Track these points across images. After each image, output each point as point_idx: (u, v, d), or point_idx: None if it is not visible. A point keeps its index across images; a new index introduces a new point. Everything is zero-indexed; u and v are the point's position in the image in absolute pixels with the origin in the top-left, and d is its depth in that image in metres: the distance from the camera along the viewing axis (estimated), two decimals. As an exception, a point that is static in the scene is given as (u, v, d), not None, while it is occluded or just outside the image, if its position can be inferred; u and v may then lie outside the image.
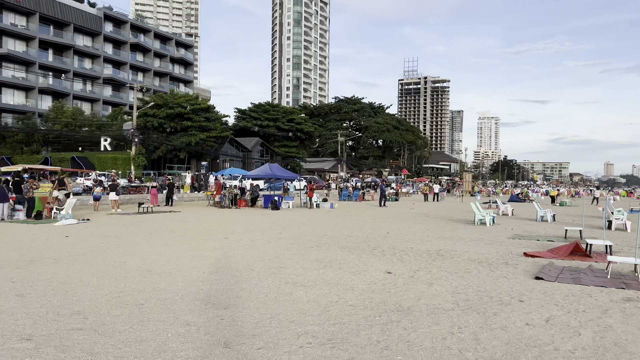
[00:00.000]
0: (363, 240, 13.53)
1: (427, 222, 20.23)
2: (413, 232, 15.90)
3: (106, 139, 46.42)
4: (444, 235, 15.18)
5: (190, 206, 28.51)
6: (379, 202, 30.81)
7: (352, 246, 12.39)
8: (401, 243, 13.14)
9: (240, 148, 61.81)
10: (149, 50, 75.10)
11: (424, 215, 23.90)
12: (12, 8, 56.82)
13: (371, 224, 18.84)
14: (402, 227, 17.53)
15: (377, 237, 14.44)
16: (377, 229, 16.89)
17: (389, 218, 21.80)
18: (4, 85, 56.49)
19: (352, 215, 23.05)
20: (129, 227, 16.18)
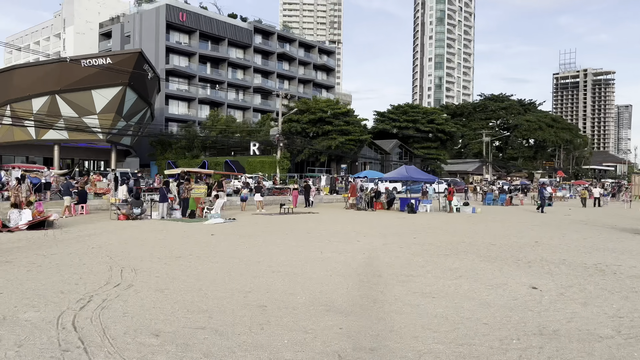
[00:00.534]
0: (506, 249, 12.34)
1: (585, 230, 17.94)
2: (567, 242, 14.14)
3: (255, 143, 49.59)
4: (605, 247, 13.23)
5: (328, 208, 29.04)
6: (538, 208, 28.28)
7: (492, 255, 11.35)
8: (551, 254, 11.71)
9: (378, 150, 61.81)
10: (294, 59, 78.80)
11: (581, 223, 21.31)
12: (177, 27, 63.71)
13: (518, 231, 17.25)
14: (554, 236, 15.73)
15: (523, 246, 13.09)
16: (525, 237, 15.37)
17: (539, 225, 19.80)
18: (170, 97, 63.59)
19: (496, 221, 21.43)
20: (268, 227, 16.85)
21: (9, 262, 9.27)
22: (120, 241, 12.71)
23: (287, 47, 78.03)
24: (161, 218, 19.77)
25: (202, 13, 66.69)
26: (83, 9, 77.26)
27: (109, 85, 43.23)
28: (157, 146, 57.93)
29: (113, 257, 10.20)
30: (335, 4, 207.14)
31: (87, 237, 13.35)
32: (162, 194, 20.02)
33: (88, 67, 42.20)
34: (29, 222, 14.76)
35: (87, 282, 7.65)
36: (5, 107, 43.28)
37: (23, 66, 44.30)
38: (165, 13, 61.51)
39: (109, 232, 14.79)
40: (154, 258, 10.19)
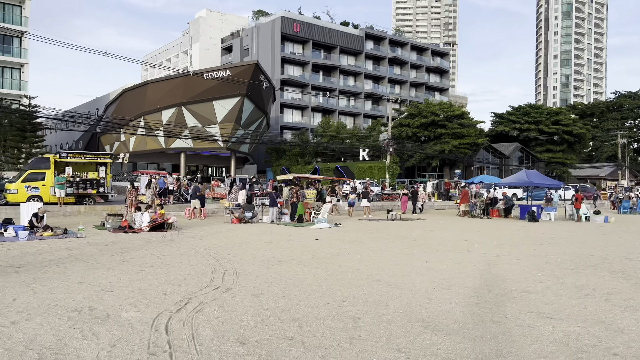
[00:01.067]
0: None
1: None
2: None
3: (364, 149, 49.46)
4: None
5: (439, 215, 27.85)
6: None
7: (628, 272, 9.86)
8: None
9: (496, 154, 58.38)
10: (406, 63, 77.62)
11: None
12: (292, 38, 65.94)
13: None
14: None
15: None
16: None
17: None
18: (285, 106, 65.91)
19: (632, 232, 18.90)
20: (374, 234, 16.45)
21: (126, 262, 9.91)
22: (229, 244, 13.11)
23: (399, 51, 77.11)
24: (271, 222, 20.27)
25: (315, 23, 68.33)
26: (207, 26, 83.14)
27: (229, 96, 45.83)
28: (272, 153, 60.25)
29: (219, 259, 10.48)
30: (450, 5, 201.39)
31: (200, 239, 13.98)
32: (272, 198, 20.54)
33: (210, 79, 45.16)
34: (150, 224, 15.87)
35: (189, 284, 7.86)
36: (140, 119, 47.79)
37: (154, 81, 48.63)
38: (281, 25, 63.94)
39: (221, 234, 15.39)
40: (256, 261, 10.29)
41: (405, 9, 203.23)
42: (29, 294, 6.89)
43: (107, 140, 52.32)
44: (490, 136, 63.91)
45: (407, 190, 30.78)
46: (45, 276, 8.24)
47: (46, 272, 8.58)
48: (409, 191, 29.73)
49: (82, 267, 9.19)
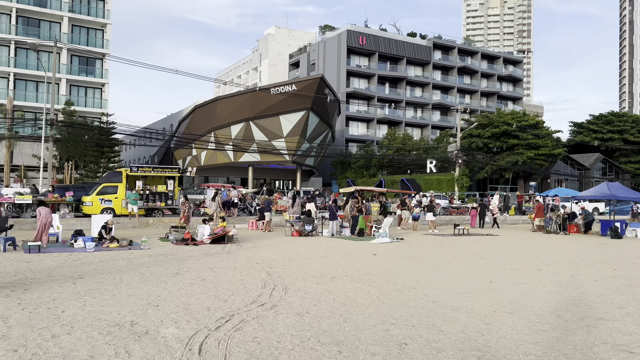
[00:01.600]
0: None
1: None
2: None
3: (432, 161, 48.21)
4: None
5: (511, 230, 26.34)
6: None
7: None
8: None
9: (575, 166, 54.89)
10: (476, 72, 75.30)
11: None
12: (357, 51, 65.98)
13: None
14: None
15: None
16: None
17: None
18: (350, 119, 65.83)
19: None
20: (436, 250, 15.69)
21: (180, 274, 9.96)
22: (285, 257, 12.94)
23: (469, 61, 74.97)
24: (331, 235, 19.98)
25: (380, 35, 68.01)
26: (276, 42, 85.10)
27: (294, 110, 46.39)
28: (337, 166, 60.22)
29: (271, 274, 10.30)
30: (524, 12, 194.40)
31: (257, 252, 13.93)
32: (331, 212, 20.26)
33: (276, 94, 45.97)
34: (211, 236, 16.07)
35: (236, 299, 7.69)
36: (210, 133, 49.44)
37: (224, 97, 50.22)
38: (346, 38, 64.18)
39: (279, 247, 15.29)
40: (309, 277, 10.01)
41: (476, 18, 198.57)
42: (78, 306, 6.98)
43: (180, 154, 54.53)
44: (569, 147, 60.30)
45: (476, 204, 29.47)
46: (99, 288, 8.40)
47: (101, 284, 8.76)
48: (478, 205, 28.43)
49: (137, 279, 9.32)
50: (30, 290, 8.08)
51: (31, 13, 43.47)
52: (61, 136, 34.02)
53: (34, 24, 43.78)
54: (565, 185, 53.24)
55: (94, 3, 46.17)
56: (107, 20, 46.23)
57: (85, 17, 45.23)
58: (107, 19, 46.24)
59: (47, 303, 7.14)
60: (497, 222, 27.93)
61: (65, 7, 44.30)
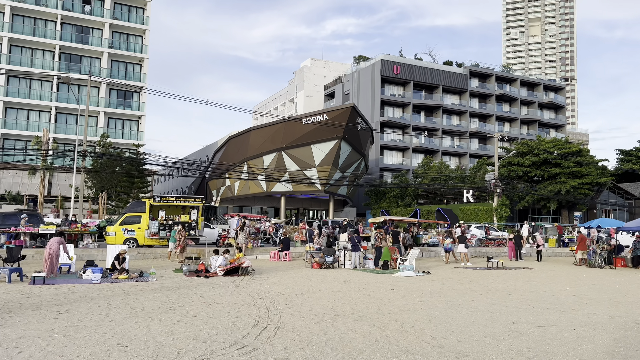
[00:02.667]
0: None
1: None
2: None
3: (468, 190, 46.55)
4: None
5: (551, 263, 24.59)
6: None
7: None
8: None
9: (624, 195, 51.87)
10: (515, 99, 73.42)
11: None
12: (391, 80, 65.58)
13: None
14: None
15: None
16: None
17: None
18: (385, 148, 65.00)
19: None
20: (463, 285, 14.51)
21: (172, 310, 9.33)
22: (294, 292, 12.14)
23: (507, 88, 73.29)
24: (354, 268, 19.03)
25: (415, 64, 67.51)
26: (312, 74, 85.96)
27: (326, 139, 46.02)
28: (372, 195, 59.18)
29: (271, 310, 9.53)
30: (567, 39, 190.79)
31: (267, 285, 13.19)
32: (354, 242, 19.36)
33: (308, 124, 45.82)
34: (223, 268, 15.46)
35: (216, 341, 6.96)
36: (243, 164, 49.61)
37: (257, 127, 50.50)
38: (380, 68, 64.00)
39: (292, 280, 14.50)
40: (310, 314, 9.17)
41: (516, 47, 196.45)
42: (40, 346, 6.42)
43: (214, 185, 54.90)
44: (616, 175, 57.21)
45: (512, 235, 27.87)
46: (78, 324, 7.84)
47: (84, 319, 8.22)
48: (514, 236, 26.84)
49: (124, 314, 8.74)
50: (3, 326, 7.60)
51: (73, 50, 45.37)
52: (93, 167, 34.70)
53: (75, 60, 45.62)
54: (613, 216, 50.26)
55: (133, 39, 47.81)
56: (144, 54, 47.69)
57: (124, 52, 46.84)
58: (144, 54, 47.71)
59: (10, 342, 6.61)
60: (540, 255, 26.28)
61: (105, 44, 46.03)
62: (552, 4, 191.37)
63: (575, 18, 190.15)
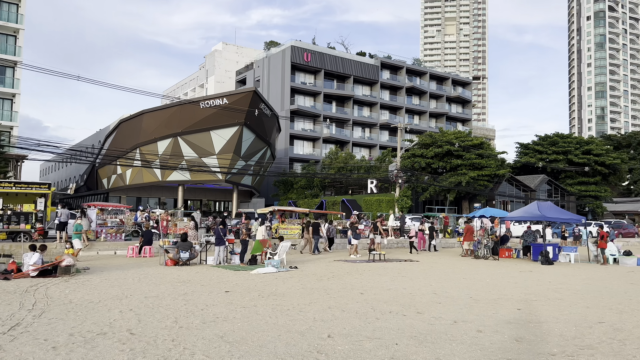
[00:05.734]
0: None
1: None
2: None
3: (372, 181, 45.79)
4: None
5: (443, 254, 23.73)
6: None
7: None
8: None
9: (521, 187, 53.61)
10: (424, 92, 74.30)
11: None
12: (302, 68, 63.69)
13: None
14: None
15: None
16: None
17: None
18: (295, 137, 63.12)
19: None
20: (322, 282, 12.72)
21: None
22: (96, 299, 9.71)
23: (417, 81, 73.98)
24: (217, 264, 16.79)
25: (327, 52, 66.08)
26: (223, 59, 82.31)
27: (226, 125, 43.28)
28: (280, 186, 57.24)
29: (19, 325, 7.05)
30: (479, 39, 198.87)
31: (70, 292, 10.63)
32: (218, 235, 17.08)
33: (206, 108, 42.81)
34: (36, 267, 12.64)
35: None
36: (135, 150, 45.65)
37: (150, 110, 46.60)
38: (290, 55, 61.92)
39: (120, 282, 12.01)
40: (63, 334, 6.83)
41: (433, 44, 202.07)
42: None
43: (105, 173, 50.37)
44: (516, 168, 59.22)
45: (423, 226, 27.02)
46: None
47: None
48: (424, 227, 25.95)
49: None
50: None
51: None
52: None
53: None
54: (510, 207, 51.77)
55: (6, 6, 42.16)
56: (19, 25, 42.26)
57: (-6, 21, 41.20)
58: (19, 24, 42.28)
59: None
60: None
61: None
62: (466, 4, 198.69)
63: (487, 20, 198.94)
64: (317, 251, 22.50)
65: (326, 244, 24.24)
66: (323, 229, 24.31)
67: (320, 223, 24.05)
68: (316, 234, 22.67)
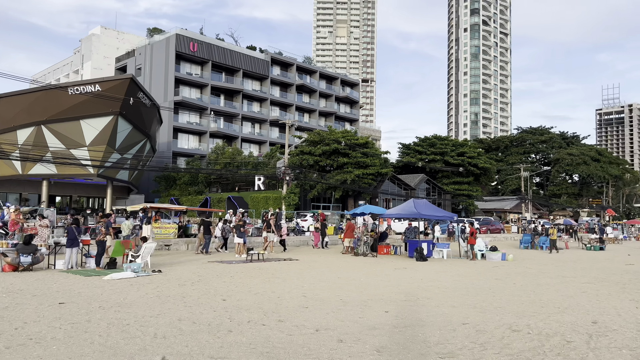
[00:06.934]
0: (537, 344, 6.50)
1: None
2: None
3: (260, 178, 44.74)
4: None
5: (326, 252, 23.35)
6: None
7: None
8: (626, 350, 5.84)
9: (402, 186, 55.88)
10: (315, 91, 74.78)
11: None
12: (188, 58, 60.73)
13: (560, 294, 11.21)
14: (620, 308, 9.68)
15: (573, 328, 7.19)
16: (573, 308, 9.38)
17: (593, 282, 13.60)
18: (179, 131, 60.01)
19: (529, 275, 15.31)
20: (180, 288, 11.43)
21: None
22: None
23: (308, 79, 74.20)
24: (68, 268, 14.67)
25: (215, 43, 63.71)
26: (101, 44, 76.14)
27: (99, 114, 39.55)
28: (161, 182, 54.05)
29: None
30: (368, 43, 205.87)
31: None
32: (71, 235, 14.95)
33: (76, 95, 38.78)
34: None
35: None
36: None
37: (7, 95, 41.24)
38: (175, 43, 58.73)
39: None
40: None
41: (325, 45, 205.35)
42: None
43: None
44: (398, 167, 61.74)
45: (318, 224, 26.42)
46: None
47: None
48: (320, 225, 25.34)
49: None
50: None
51: None
52: None
53: None
54: (393, 205, 53.68)
55: None
56: None
57: None
58: None
59: None
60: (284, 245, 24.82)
61: None
62: (357, 8, 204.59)
63: (376, 25, 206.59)
64: (206, 251, 21.17)
65: (220, 243, 22.93)
66: (218, 228, 23.20)
67: (212, 222, 22.79)
68: (207, 233, 21.36)
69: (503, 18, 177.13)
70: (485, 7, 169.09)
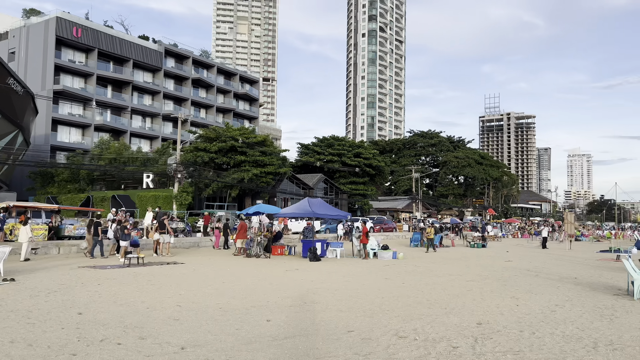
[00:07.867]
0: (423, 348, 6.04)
1: (544, 289, 12.15)
2: (529, 320, 8.11)
3: (148, 175, 41.94)
4: (600, 337, 7.26)
5: (215, 254, 22.03)
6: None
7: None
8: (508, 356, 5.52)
9: (301, 185, 55.69)
10: (212, 86, 72.30)
11: (530, 274, 15.68)
12: (71, 44, 55.65)
13: (447, 292, 11.15)
14: (503, 306, 9.74)
15: (460, 330, 6.88)
16: (457, 306, 9.23)
17: (477, 280, 13.90)
18: (59, 123, 54.78)
19: (417, 274, 15.38)
20: (36, 300, 9.74)
21: None
22: None
23: (205, 74, 71.52)
24: None
25: (102, 30, 59.07)
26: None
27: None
28: (37, 178, 48.96)
29: None
30: (270, 42, 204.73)
31: None
32: None
33: None
34: None
35: None
36: None
37: None
38: (56, 27, 53.50)
39: None
40: None
41: (225, 41, 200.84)
42: None
43: None
44: (297, 167, 61.47)
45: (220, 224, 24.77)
46: None
47: None
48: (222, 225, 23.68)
49: None
50: None
51: None
52: None
53: None
54: (291, 203, 53.27)
55: None
56: None
57: None
58: None
59: None
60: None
61: None
62: (258, 6, 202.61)
63: (277, 24, 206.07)
64: (92, 255, 18.94)
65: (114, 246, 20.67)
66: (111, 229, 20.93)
67: (100, 222, 20.48)
68: (96, 234, 19.13)
69: (398, 26, 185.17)
70: (382, 14, 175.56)
